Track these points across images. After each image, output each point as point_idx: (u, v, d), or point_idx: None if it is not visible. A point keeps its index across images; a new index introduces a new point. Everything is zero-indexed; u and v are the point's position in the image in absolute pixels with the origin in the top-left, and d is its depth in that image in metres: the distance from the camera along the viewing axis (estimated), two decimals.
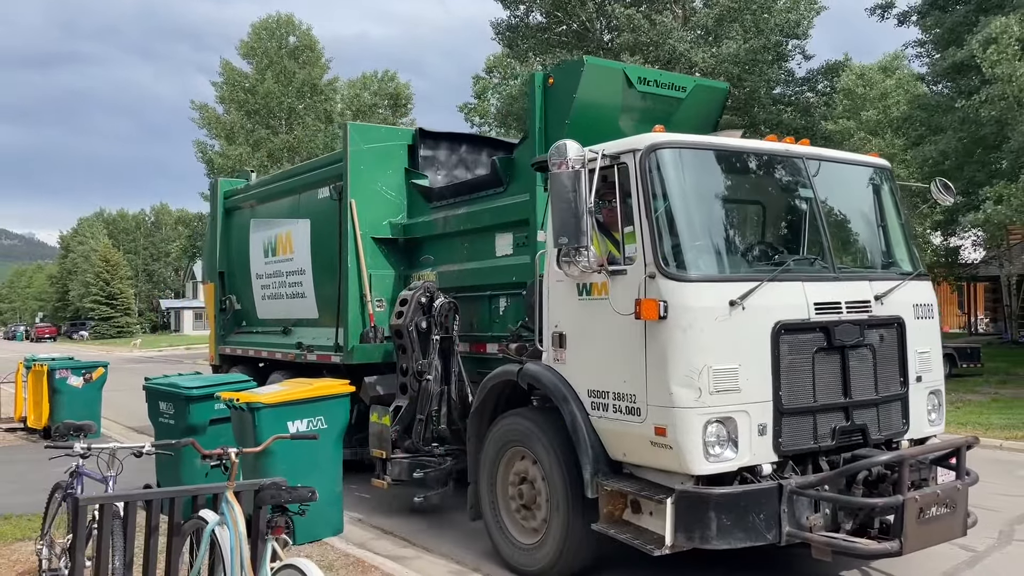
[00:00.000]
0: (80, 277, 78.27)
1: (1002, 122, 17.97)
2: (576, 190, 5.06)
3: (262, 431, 6.44)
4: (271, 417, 6.64)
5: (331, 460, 7.03)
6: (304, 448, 6.43)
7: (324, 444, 6.77)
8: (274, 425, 6.53)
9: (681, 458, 4.83)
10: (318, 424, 6.88)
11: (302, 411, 6.85)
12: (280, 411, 6.73)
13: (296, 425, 6.73)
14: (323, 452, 6.85)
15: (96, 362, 13.75)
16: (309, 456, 6.64)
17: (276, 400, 6.78)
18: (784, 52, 27.75)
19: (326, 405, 7.01)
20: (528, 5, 30.26)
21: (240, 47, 44.26)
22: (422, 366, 7.45)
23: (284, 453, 6.44)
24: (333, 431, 7.03)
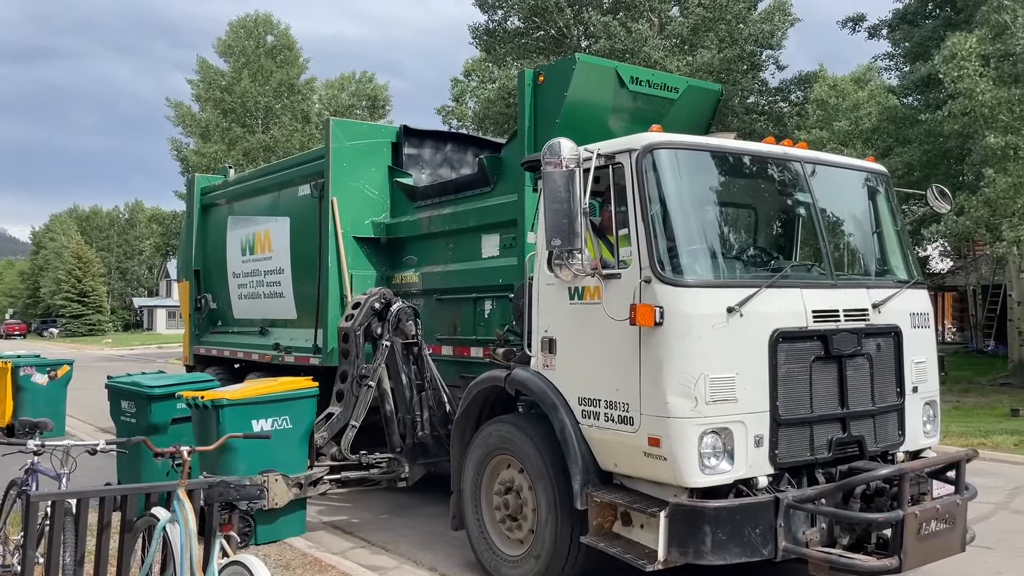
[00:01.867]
0: (52, 274, 76.94)
1: (964, 136, 18.19)
2: (570, 190, 4.87)
3: (224, 430, 6.28)
4: (235, 415, 6.52)
5: (295, 460, 6.85)
6: (266, 447, 6.36)
7: (288, 443, 6.74)
8: (238, 423, 6.44)
9: (675, 470, 4.66)
10: (283, 423, 6.76)
11: (267, 410, 6.72)
12: (244, 410, 6.61)
13: (260, 424, 6.63)
14: (286, 451, 6.74)
15: (61, 360, 13.42)
16: (270, 455, 6.55)
17: (240, 397, 6.66)
18: (758, 62, 27.97)
19: (292, 404, 6.87)
20: (506, 10, 30.23)
21: (217, 45, 43.66)
22: (365, 371, 7.17)
23: (245, 452, 6.37)
24: (298, 430, 6.88)
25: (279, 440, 6.59)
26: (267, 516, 6.67)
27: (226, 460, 6.35)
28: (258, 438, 5.82)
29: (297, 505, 6.90)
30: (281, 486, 6.64)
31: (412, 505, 8.15)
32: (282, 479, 6.64)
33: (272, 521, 6.73)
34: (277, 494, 6.60)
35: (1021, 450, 11.17)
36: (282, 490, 6.66)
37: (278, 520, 6.75)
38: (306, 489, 6.87)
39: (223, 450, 6.18)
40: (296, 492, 6.77)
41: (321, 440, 7.10)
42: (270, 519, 6.71)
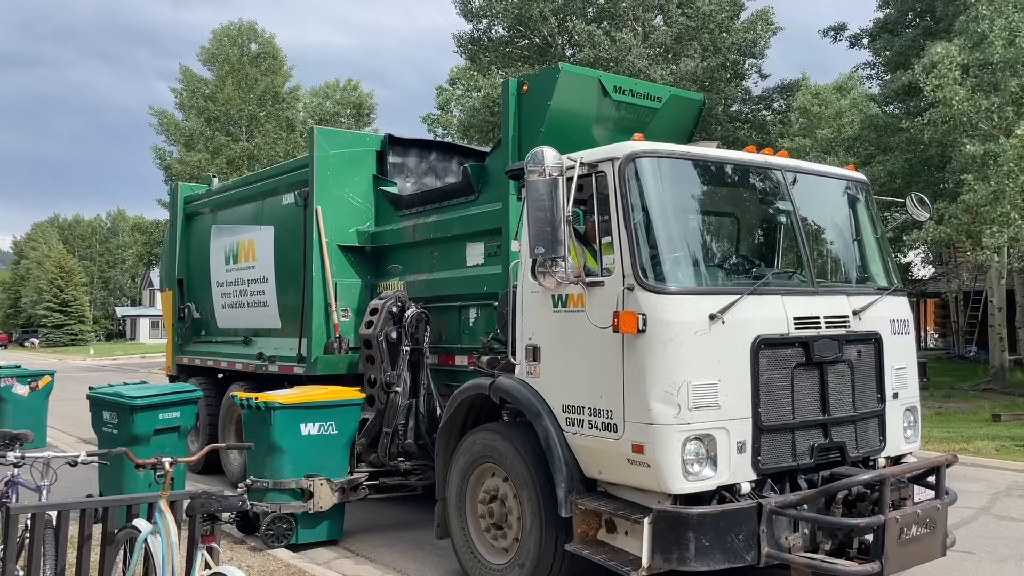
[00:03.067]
0: (33, 283, 76.19)
1: (944, 144, 18.43)
2: (553, 199, 4.89)
3: (276, 430, 6.82)
4: (285, 418, 6.87)
5: (338, 465, 7.11)
6: (313, 451, 6.91)
7: (333, 448, 7.06)
8: (288, 425, 6.86)
9: (659, 476, 4.67)
10: (329, 428, 7.04)
11: (315, 415, 7.00)
12: (294, 413, 6.92)
13: (308, 428, 6.95)
14: (331, 456, 7.06)
15: (43, 370, 13.30)
16: (316, 459, 6.93)
17: (292, 402, 6.98)
18: (741, 71, 28.21)
19: (338, 411, 7.12)
20: (491, 19, 30.33)
21: (201, 53, 43.50)
22: (391, 377, 7.25)
23: (293, 454, 6.87)
24: (343, 436, 7.14)
25: (325, 445, 6.97)
26: (310, 519, 6.95)
27: (274, 462, 6.83)
28: (241, 448, 6.00)
29: (337, 509, 7.13)
30: (326, 490, 6.89)
31: (397, 514, 8.13)
32: (327, 483, 6.91)
33: (314, 525, 7.00)
34: (322, 497, 6.87)
35: (1002, 455, 11.28)
36: (327, 494, 6.91)
37: (320, 524, 7.03)
38: (348, 494, 7.10)
39: (271, 452, 6.81)
40: (339, 496, 7.00)
41: (360, 447, 7.31)
42: (313, 522, 6.98)
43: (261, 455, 6.86)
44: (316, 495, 6.84)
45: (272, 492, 6.87)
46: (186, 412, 7.62)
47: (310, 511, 6.86)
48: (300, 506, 6.84)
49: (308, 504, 6.83)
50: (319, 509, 6.88)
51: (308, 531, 6.97)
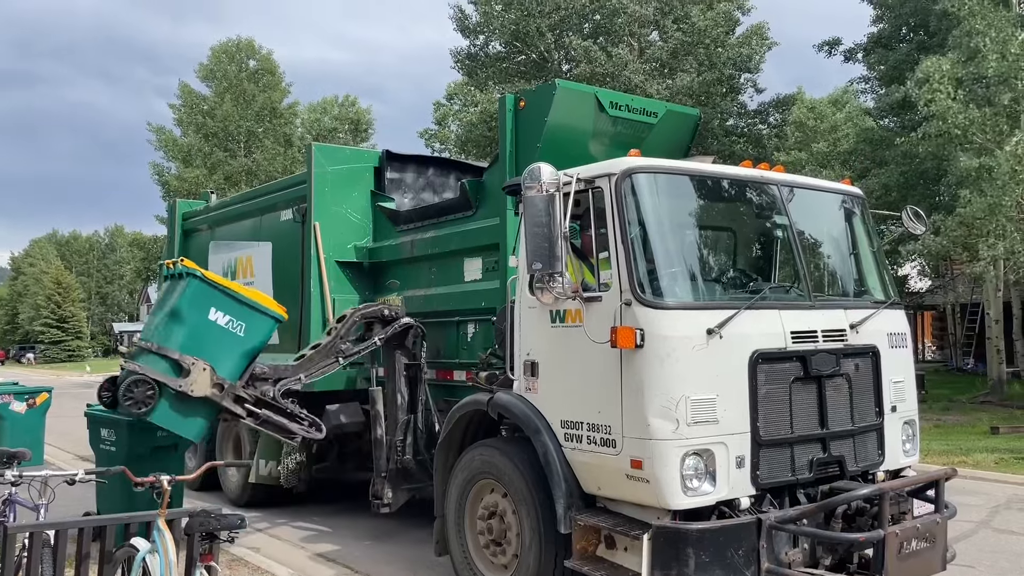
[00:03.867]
0: (31, 300, 76.18)
1: (939, 157, 18.52)
2: (550, 214, 4.91)
3: (185, 299, 6.28)
4: (199, 292, 6.32)
5: (232, 367, 6.48)
6: (215, 341, 6.29)
7: (232, 349, 6.44)
8: (199, 300, 6.29)
9: (658, 492, 4.67)
10: (238, 328, 6.44)
11: (230, 307, 6.42)
12: (210, 293, 6.35)
13: (217, 315, 6.35)
14: (227, 355, 6.41)
15: (40, 387, 13.25)
16: (214, 351, 6.31)
17: (213, 280, 6.46)
18: (737, 85, 28.37)
19: (255, 315, 6.55)
20: (488, 35, 30.50)
21: (199, 70, 43.61)
22: (346, 350, 7.19)
23: (193, 332, 6.26)
24: (246, 344, 6.54)
25: (226, 341, 6.39)
26: (177, 403, 6.25)
27: (168, 328, 6.28)
28: (239, 466, 5.61)
29: (203, 410, 6.43)
30: (206, 377, 6.25)
31: (396, 531, 8.10)
32: (210, 371, 6.25)
33: (179, 411, 6.29)
34: (197, 381, 6.21)
35: (1001, 468, 11.27)
36: (204, 381, 6.25)
37: (179, 410, 6.29)
38: (223, 397, 6.39)
39: (170, 318, 6.28)
40: (214, 392, 6.31)
41: (263, 371, 6.78)
42: (179, 407, 6.28)
43: (159, 318, 6.29)
44: (193, 375, 6.16)
45: (151, 355, 6.21)
46: None
47: (179, 388, 6.14)
48: (171, 379, 6.13)
49: (180, 380, 6.12)
50: (190, 390, 6.17)
51: (169, 413, 6.22)
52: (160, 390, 6.15)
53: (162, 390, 6.15)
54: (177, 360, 6.16)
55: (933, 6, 19.66)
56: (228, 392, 6.40)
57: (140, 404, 6.06)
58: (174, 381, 6.13)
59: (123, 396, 6.05)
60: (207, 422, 6.61)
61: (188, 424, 6.40)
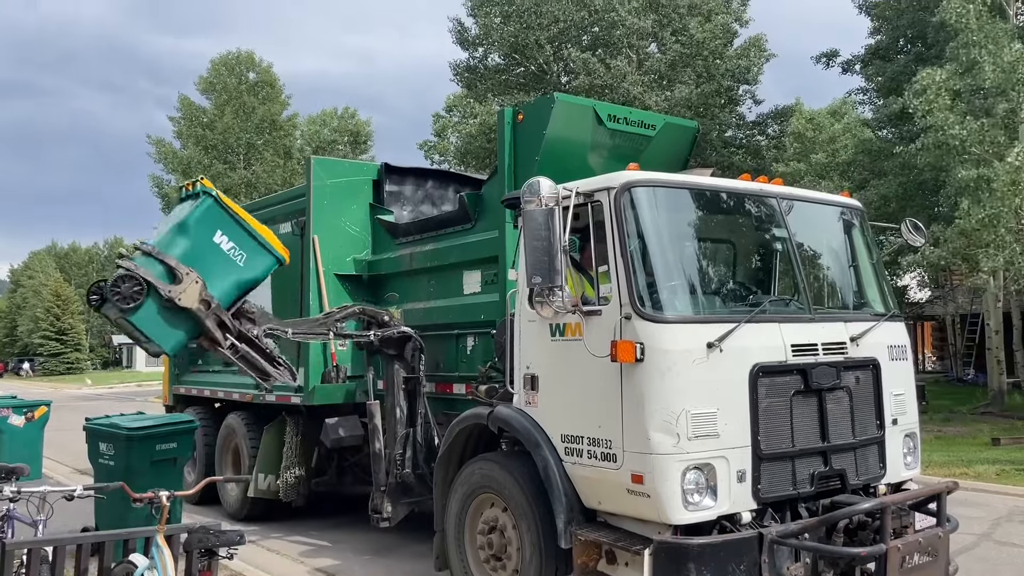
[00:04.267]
0: (30, 312, 76.05)
1: (938, 168, 18.55)
2: (550, 228, 4.90)
3: (193, 217, 6.44)
4: (210, 214, 6.48)
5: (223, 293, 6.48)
6: (215, 263, 6.39)
7: (227, 272, 6.51)
8: (208, 223, 6.44)
9: (659, 507, 4.64)
10: (239, 258, 6.59)
11: (237, 234, 6.60)
12: (222, 217, 6.50)
13: (221, 238, 6.54)
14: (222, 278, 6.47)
15: (39, 401, 13.22)
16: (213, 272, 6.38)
17: (230, 206, 6.63)
18: (735, 96, 28.45)
19: (259, 249, 6.70)
20: (486, 48, 30.61)
21: (199, 82, 43.79)
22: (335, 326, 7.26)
23: (197, 249, 6.34)
24: (243, 276, 6.64)
25: (225, 267, 6.45)
26: (160, 306, 6.18)
27: (173, 239, 6.28)
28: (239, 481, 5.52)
29: (185, 324, 6.34)
30: (196, 290, 6.21)
31: (395, 545, 8.06)
32: (202, 285, 6.23)
33: (159, 313, 6.20)
34: (187, 292, 6.17)
35: (1003, 480, 11.23)
36: (194, 294, 6.20)
37: (162, 317, 6.21)
38: (207, 315, 6.30)
39: (179, 230, 6.36)
40: (200, 308, 6.24)
41: (251, 309, 6.79)
42: (159, 310, 6.20)
43: (166, 228, 6.37)
44: (184, 284, 6.12)
45: (148, 257, 6.23)
46: (183, 443, 7.57)
47: (168, 293, 6.11)
48: (161, 283, 6.10)
49: (171, 287, 6.10)
50: (177, 298, 6.13)
51: (152, 317, 6.16)
52: (148, 292, 6.08)
53: (150, 292, 6.08)
54: (172, 267, 6.14)
55: (930, 18, 19.75)
56: (213, 312, 6.31)
57: (127, 300, 5.98)
58: (164, 286, 6.08)
59: (111, 289, 5.97)
60: (186, 338, 6.47)
61: (166, 334, 6.28)
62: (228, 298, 6.48)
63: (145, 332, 6.21)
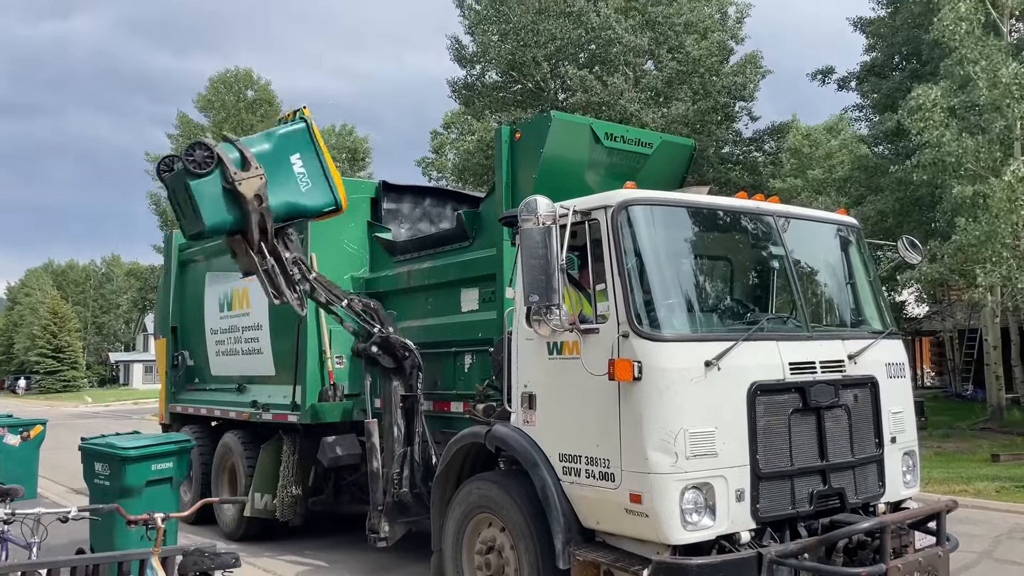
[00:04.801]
0: (26, 329, 75.87)
1: (934, 185, 18.61)
2: (547, 247, 4.91)
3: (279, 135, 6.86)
4: (297, 137, 6.90)
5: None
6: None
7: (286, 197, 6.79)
8: (290, 141, 6.83)
9: (658, 526, 4.62)
10: (304, 184, 6.89)
11: (312, 164, 6.93)
12: (306, 144, 6.88)
13: (297, 161, 6.88)
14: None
15: (34, 420, 13.16)
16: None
17: (318, 139, 6.98)
18: (731, 113, 28.59)
19: (324, 185, 7.00)
20: (484, 65, 30.77)
21: (197, 100, 44.05)
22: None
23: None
24: (302, 200, 6.91)
25: (288, 187, 6.74)
26: (220, 186, 6.38)
27: (258, 142, 6.69)
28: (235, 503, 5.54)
29: (235, 211, 6.48)
30: (257, 184, 6.43)
31: (393, 565, 8.00)
32: (264, 184, 6.46)
33: (218, 191, 6.39)
34: (249, 181, 6.38)
35: (1003, 497, 11.19)
36: (253, 186, 6.41)
37: (218, 196, 6.40)
38: (255, 210, 6.45)
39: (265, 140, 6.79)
40: (253, 200, 6.43)
41: (290, 237, 6.98)
42: (220, 190, 6.39)
43: (258, 136, 6.89)
44: (250, 174, 6.39)
45: (230, 144, 6.54)
46: (179, 463, 7.53)
47: (233, 175, 6.33)
48: (232, 166, 6.36)
49: (238, 171, 6.35)
50: (238, 183, 6.35)
51: (209, 191, 6.36)
52: (217, 166, 6.34)
53: (219, 167, 6.34)
54: (247, 157, 6.46)
55: (924, 36, 19.88)
56: (261, 211, 6.52)
57: (197, 165, 6.27)
58: (233, 168, 6.36)
59: (185, 153, 6.29)
60: (228, 223, 6.59)
61: (214, 211, 6.45)
62: (277, 213, 6.71)
63: (197, 202, 6.37)
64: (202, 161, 6.30)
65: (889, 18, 25.17)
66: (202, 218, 6.41)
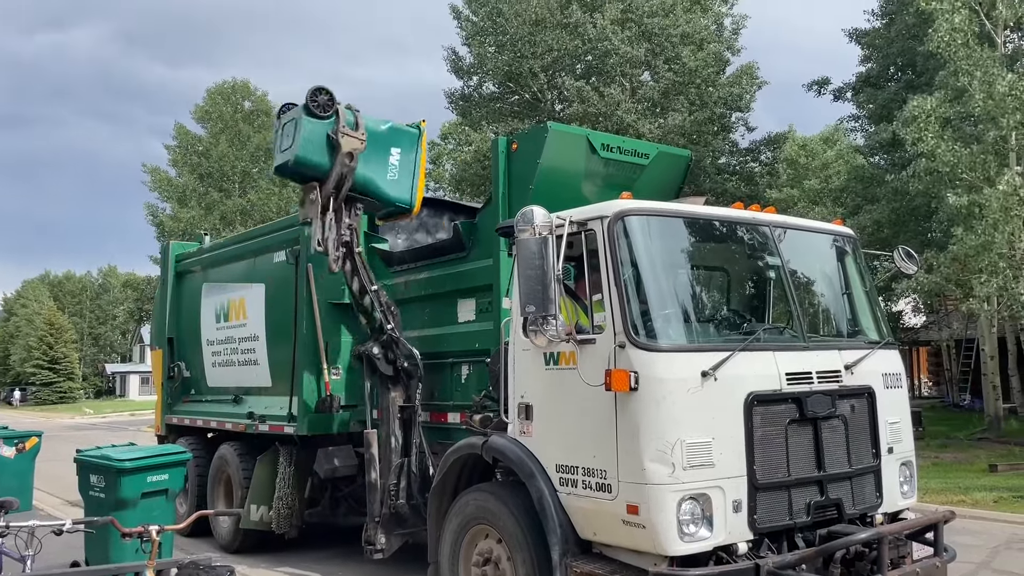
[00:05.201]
0: (22, 341, 75.65)
1: (930, 195, 18.65)
2: (543, 257, 4.91)
3: (396, 129, 7.55)
4: (406, 136, 7.59)
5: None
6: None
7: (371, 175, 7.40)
8: (398, 136, 7.51)
9: (655, 538, 4.61)
10: (391, 173, 7.46)
11: (404, 168, 7.52)
12: (409, 145, 7.52)
13: (393, 155, 7.50)
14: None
15: (30, 432, 13.10)
16: None
17: (422, 148, 7.61)
18: (728, 124, 28.65)
19: (405, 185, 7.53)
20: (481, 76, 30.84)
21: (195, 111, 44.06)
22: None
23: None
24: (383, 185, 7.45)
25: (378, 171, 7.35)
26: (326, 135, 7.00)
27: (374, 124, 7.36)
28: (230, 515, 5.57)
29: (325, 161, 7.05)
30: (356, 144, 7.07)
31: None
32: (362, 148, 7.11)
33: (322, 137, 7.00)
34: (350, 140, 7.01)
35: (1001, 507, 11.18)
36: (351, 145, 7.02)
37: (320, 141, 7.01)
38: (341, 166, 7.01)
39: (382, 123, 7.45)
40: (344, 157, 7.00)
41: (359, 211, 7.47)
42: (324, 136, 7.00)
43: (380, 121, 7.48)
44: (356, 134, 7.04)
45: (350, 110, 7.12)
46: (174, 475, 7.50)
47: (341, 128, 6.98)
48: (343, 121, 6.99)
49: (346, 128, 7.00)
50: (340, 137, 6.95)
51: (315, 134, 6.99)
52: (332, 118, 7.01)
53: (332, 119, 7.02)
54: (358, 123, 7.13)
55: (919, 47, 19.97)
56: (345, 170, 7.09)
57: (319, 108, 6.98)
58: (343, 123, 7.03)
59: (312, 94, 6.96)
60: (314, 164, 7.09)
61: (311, 151, 7.04)
62: (357, 182, 7.24)
63: (301, 137, 6.99)
64: (324, 104, 7.01)
65: (884, 29, 25.28)
66: (299, 152, 7.00)
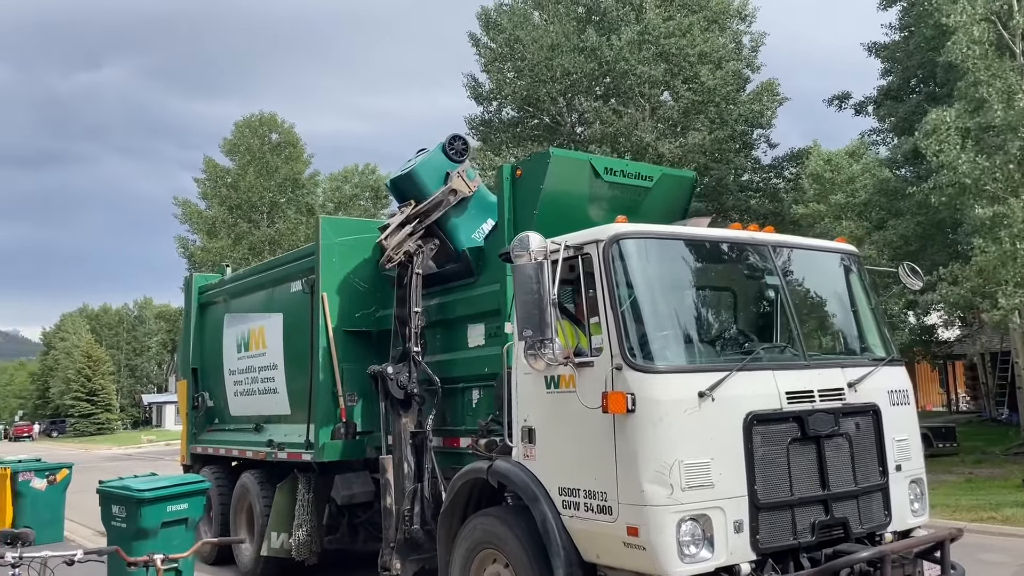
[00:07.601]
0: (61, 374, 77.03)
1: (953, 207, 18.43)
2: (539, 282, 4.98)
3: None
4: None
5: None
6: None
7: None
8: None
9: (655, 560, 4.62)
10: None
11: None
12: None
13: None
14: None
15: (60, 464, 13.37)
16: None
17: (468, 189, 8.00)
18: (749, 141, 28.54)
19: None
20: (500, 101, 31.09)
21: (223, 144, 44.94)
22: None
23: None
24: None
25: (468, 218, 7.95)
26: (442, 170, 7.90)
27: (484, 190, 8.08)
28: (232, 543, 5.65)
29: (428, 187, 7.89)
30: (464, 186, 7.83)
31: None
32: (465, 192, 7.82)
33: (434, 169, 7.93)
34: (460, 184, 7.78)
35: None
36: (459, 186, 7.78)
37: (433, 173, 7.93)
38: (440, 199, 7.74)
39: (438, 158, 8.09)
40: (448, 193, 7.74)
41: (432, 245, 7.87)
42: (439, 169, 7.90)
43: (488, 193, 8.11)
44: (468, 183, 7.79)
45: (473, 169, 8.20)
46: (194, 503, 7.63)
47: (458, 172, 7.80)
48: (463, 169, 7.89)
49: (464, 171, 7.86)
50: (455, 177, 7.75)
51: (433, 166, 7.92)
52: (459, 163, 7.98)
53: (459, 163, 7.97)
54: (475, 179, 7.97)
55: (938, 58, 19.82)
56: (441, 199, 7.77)
57: (455, 152, 7.99)
58: (463, 170, 7.92)
59: (451, 139, 8.02)
60: (421, 184, 7.93)
61: (427, 172, 7.94)
62: (442, 222, 7.88)
63: (425, 160, 7.98)
64: (460, 150, 8.02)
65: (903, 42, 25.12)
66: (415, 165, 7.96)
